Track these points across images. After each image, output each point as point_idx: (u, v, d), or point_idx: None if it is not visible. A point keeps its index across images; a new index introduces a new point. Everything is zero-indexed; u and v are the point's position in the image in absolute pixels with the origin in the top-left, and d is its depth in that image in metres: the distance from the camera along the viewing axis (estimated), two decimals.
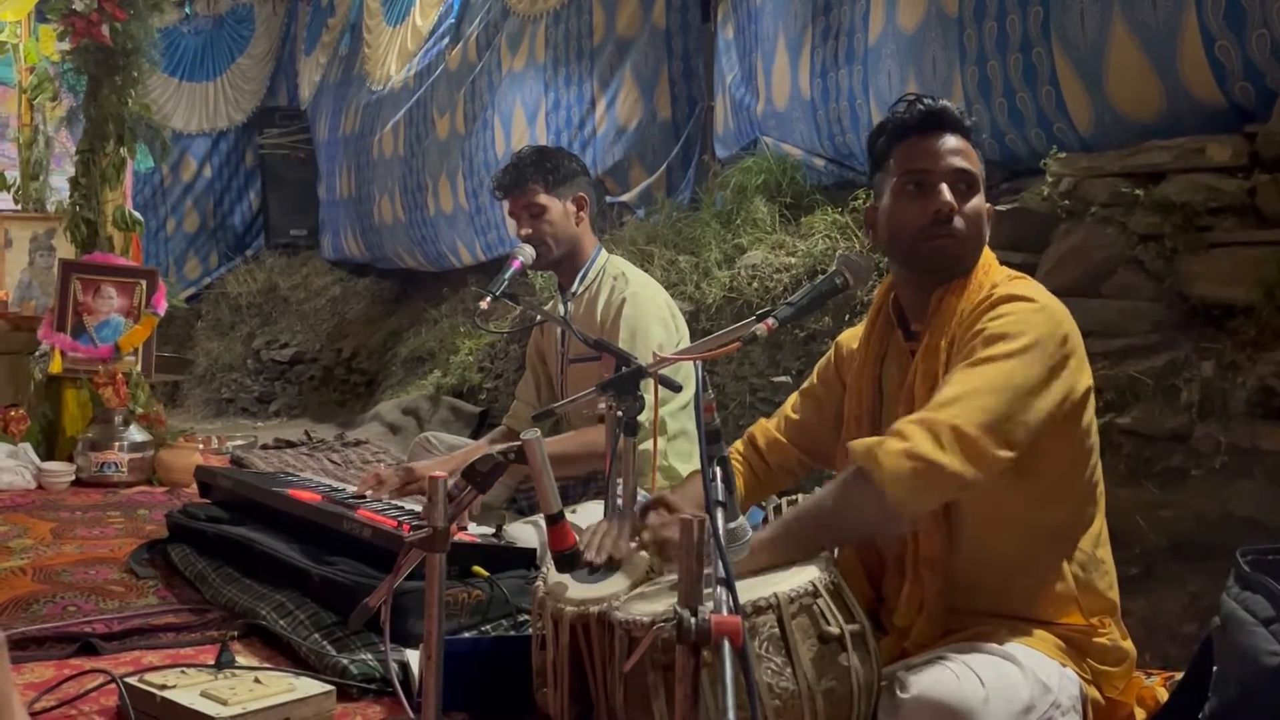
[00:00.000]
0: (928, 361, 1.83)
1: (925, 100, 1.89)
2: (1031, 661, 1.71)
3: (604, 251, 3.19)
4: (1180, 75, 3.06)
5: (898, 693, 1.60)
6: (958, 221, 1.83)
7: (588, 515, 2.38)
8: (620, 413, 2.11)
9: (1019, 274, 1.90)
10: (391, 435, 6.11)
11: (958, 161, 1.86)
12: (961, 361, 1.74)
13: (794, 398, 2.16)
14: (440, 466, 2.91)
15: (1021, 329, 1.73)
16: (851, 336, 2.07)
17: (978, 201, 1.86)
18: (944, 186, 1.84)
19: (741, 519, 1.64)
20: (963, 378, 1.71)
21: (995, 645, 1.72)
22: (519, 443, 1.75)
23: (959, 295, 1.84)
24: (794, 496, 2.88)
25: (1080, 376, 1.79)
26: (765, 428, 2.17)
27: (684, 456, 2.97)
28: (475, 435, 5.14)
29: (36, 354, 5.31)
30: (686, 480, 2.17)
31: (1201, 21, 2.96)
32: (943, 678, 1.60)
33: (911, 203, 1.86)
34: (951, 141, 1.87)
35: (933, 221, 1.83)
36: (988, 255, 1.90)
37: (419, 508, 2.75)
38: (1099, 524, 1.86)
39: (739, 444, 2.17)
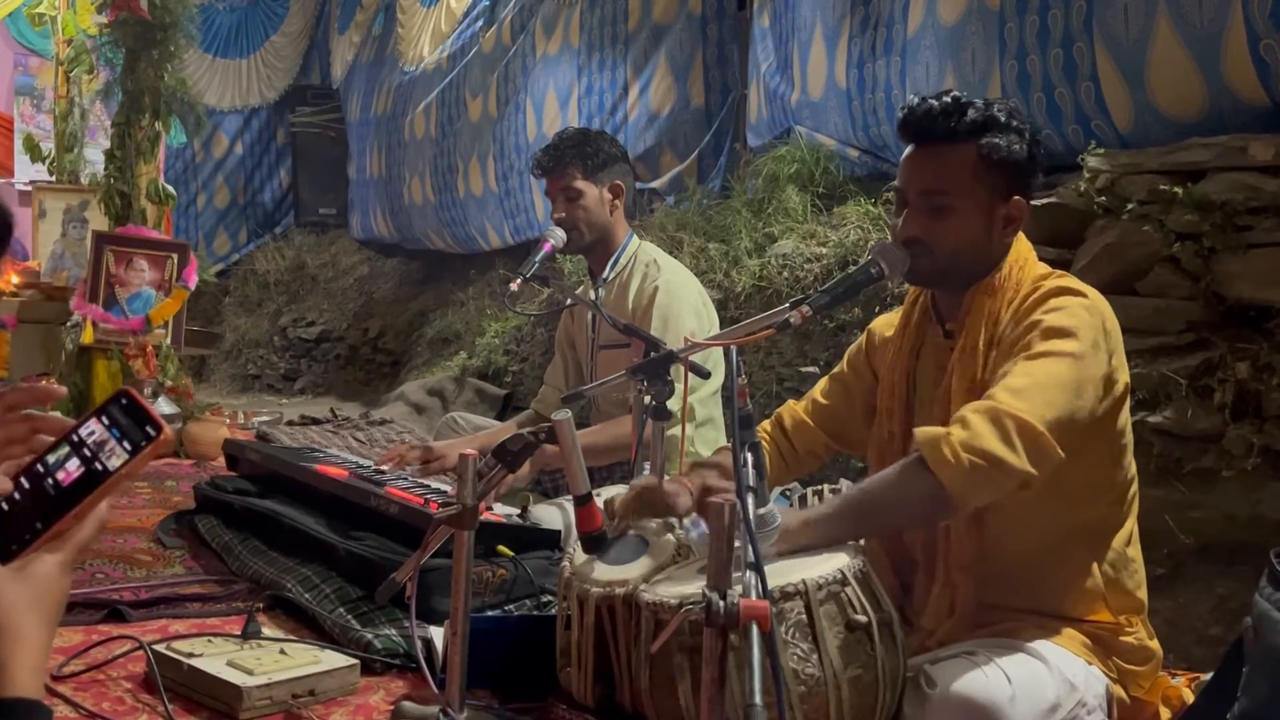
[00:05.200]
0: (965, 364, 1.82)
1: (913, 105, 1.86)
2: (1058, 659, 1.70)
3: (636, 238, 3.19)
4: (1224, 73, 3.03)
5: (924, 687, 1.59)
6: (924, 246, 1.83)
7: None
8: (650, 397, 2.11)
9: (1061, 272, 1.87)
10: (416, 415, 6.13)
11: (924, 179, 1.84)
12: (1018, 353, 1.72)
13: (823, 382, 2.16)
14: (463, 445, 2.92)
15: (1078, 325, 1.71)
16: (885, 324, 2.06)
17: (953, 220, 1.82)
18: (909, 210, 1.85)
19: (771, 505, 1.63)
20: (1025, 369, 1.68)
21: (1022, 642, 1.71)
22: (549, 423, 1.76)
23: (991, 294, 1.82)
24: (819, 487, 2.88)
25: (1120, 375, 1.78)
26: (793, 410, 2.16)
27: (711, 443, 2.96)
28: (500, 417, 5.15)
29: (69, 324, 5.36)
30: (714, 455, 2.17)
31: (1247, 19, 2.92)
32: (970, 675, 1.60)
33: (896, 219, 1.88)
34: (925, 153, 1.85)
35: (905, 243, 1.84)
36: (1021, 250, 1.87)
37: (445, 486, 2.77)
38: (1131, 522, 1.85)
39: (766, 424, 2.17)
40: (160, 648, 2.03)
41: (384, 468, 2.92)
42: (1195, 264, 2.87)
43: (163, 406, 4.73)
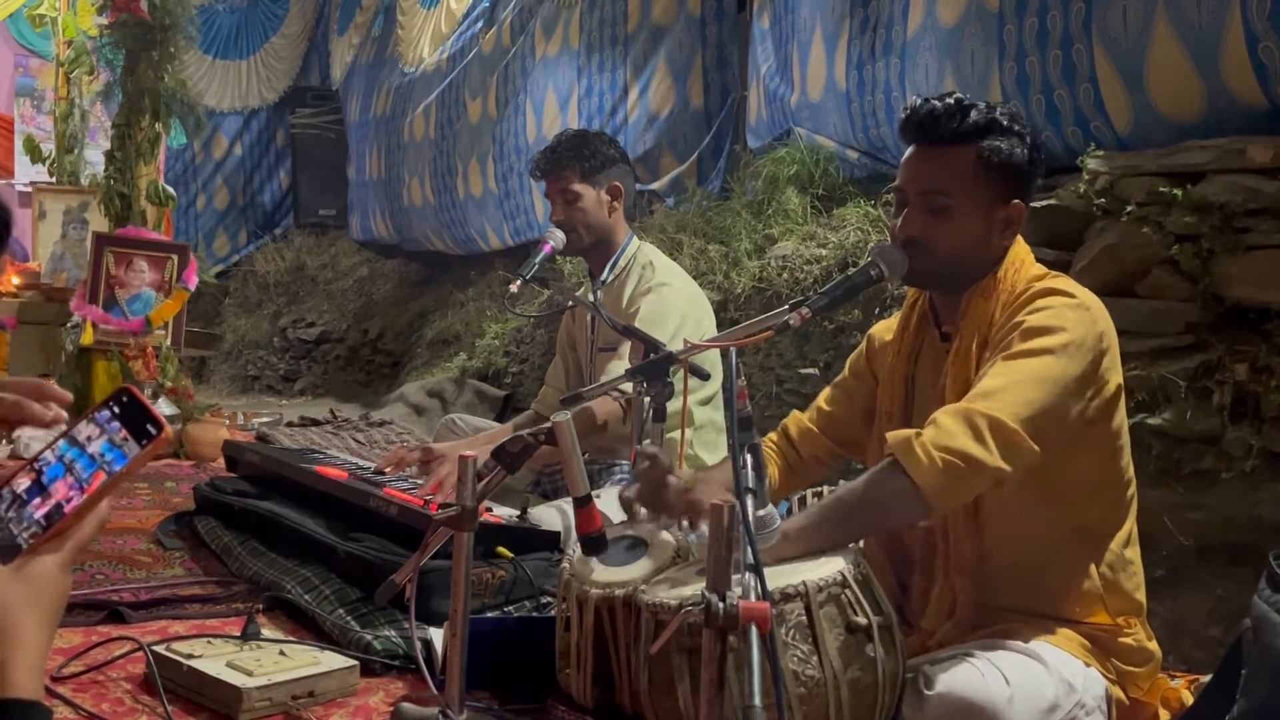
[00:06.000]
0: (959, 365, 1.82)
1: (915, 106, 1.87)
2: (1057, 660, 1.70)
3: (635, 240, 3.18)
4: (1222, 75, 3.03)
5: (923, 688, 1.60)
6: (923, 246, 1.83)
7: (610, 500, 2.38)
8: (649, 399, 2.11)
9: (1056, 273, 1.88)
10: (416, 416, 6.13)
11: (925, 180, 1.84)
12: (999, 354, 1.73)
13: (827, 390, 2.17)
14: (463, 448, 2.91)
15: (1060, 324, 1.72)
16: (885, 329, 2.06)
17: (952, 221, 1.82)
18: (908, 210, 1.85)
19: (770, 507, 1.63)
20: (1001, 370, 1.70)
21: (1021, 643, 1.72)
22: (548, 425, 1.76)
23: (987, 296, 1.83)
24: (819, 489, 2.88)
25: (1112, 375, 1.78)
26: (798, 418, 2.17)
27: (710, 446, 2.96)
28: (500, 418, 5.15)
29: (68, 325, 5.36)
30: (713, 468, 2.17)
31: (1246, 21, 2.93)
32: (968, 675, 1.60)
33: (895, 219, 1.88)
34: (926, 154, 1.85)
35: (903, 243, 1.85)
36: (1018, 253, 1.88)
37: None
38: (1129, 524, 1.85)
39: (772, 435, 2.17)
40: (160, 649, 2.03)
41: (384, 470, 2.92)
42: (1194, 266, 2.87)
43: (162, 407, 4.72)
